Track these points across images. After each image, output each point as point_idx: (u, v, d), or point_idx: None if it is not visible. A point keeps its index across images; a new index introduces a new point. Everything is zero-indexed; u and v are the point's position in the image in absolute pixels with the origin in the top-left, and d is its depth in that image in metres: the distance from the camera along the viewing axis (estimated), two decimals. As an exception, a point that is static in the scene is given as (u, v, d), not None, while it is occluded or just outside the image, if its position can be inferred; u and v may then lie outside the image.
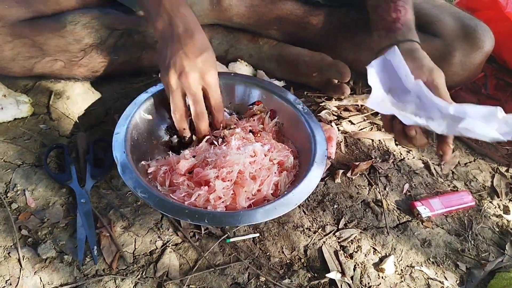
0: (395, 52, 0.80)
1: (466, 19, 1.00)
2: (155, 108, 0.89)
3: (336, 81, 1.02)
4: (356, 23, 1.04)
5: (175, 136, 0.89)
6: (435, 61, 0.97)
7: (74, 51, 0.95)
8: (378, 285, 0.76)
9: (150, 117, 0.87)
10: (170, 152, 0.85)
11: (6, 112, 0.93)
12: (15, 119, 0.95)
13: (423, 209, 0.85)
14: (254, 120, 0.92)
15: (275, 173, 0.81)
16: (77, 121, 0.96)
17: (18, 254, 0.73)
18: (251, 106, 0.95)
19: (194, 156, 0.83)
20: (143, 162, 0.83)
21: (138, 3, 0.83)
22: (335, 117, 1.04)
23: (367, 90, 1.12)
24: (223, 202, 0.76)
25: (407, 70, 0.79)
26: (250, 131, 0.89)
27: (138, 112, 0.86)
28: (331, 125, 1.00)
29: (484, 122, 0.72)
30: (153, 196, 0.73)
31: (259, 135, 0.89)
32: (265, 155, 0.84)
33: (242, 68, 1.06)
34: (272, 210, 0.73)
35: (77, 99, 1.00)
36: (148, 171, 0.82)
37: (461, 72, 1.00)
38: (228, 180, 0.78)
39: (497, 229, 0.88)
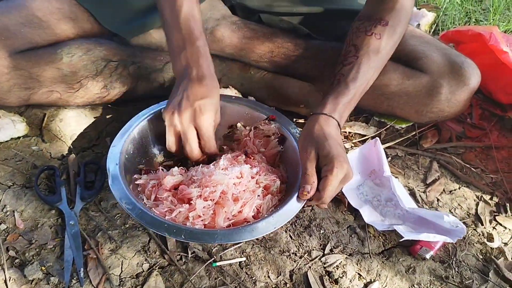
0: (378, 142, 0.98)
1: (453, 56, 1.01)
2: (154, 125, 0.92)
3: None
4: None
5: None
6: (421, 98, 1.01)
7: (70, 82, 0.97)
8: (362, 311, 0.77)
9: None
10: (160, 167, 0.87)
11: (4, 132, 0.95)
12: (11, 138, 0.96)
13: (425, 251, 0.85)
14: (261, 141, 0.94)
15: (258, 196, 0.82)
16: (69, 143, 0.98)
17: (5, 275, 0.74)
18: (266, 120, 0.96)
19: (181, 174, 0.84)
20: (135, 176, 0.85)
21: (167, 38, 0.88)
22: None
23: (354, 117, 1.14)
24: (202, 220, 0.77)
25: (385, 160, 0.97)
26: (245, 152, 0.91)
27: (137, 127, 0.89)
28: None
29: (435, 220, 0.88)
30: (136, 208, 0.75)
31: (252, 157, 0.90)
32: (252, 178, 0.85)
33: (232, 94, 1.08)
34: (250, 231, 0.74)
35: (70, 122, 1.01)
36: (136, 182, 0.84)
37: (447, 109, 1.02)
38: (210, 200, 0.79)
39: (481, 257, 0.89)
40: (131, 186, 0.81)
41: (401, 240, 0.86)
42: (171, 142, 0.85)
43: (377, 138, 0.99)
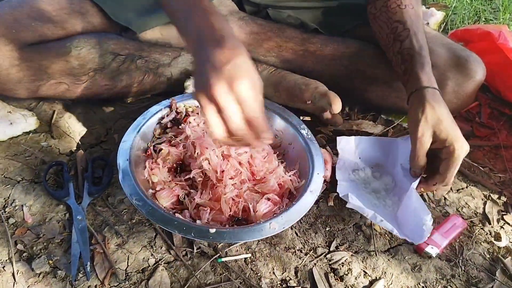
0: (406, 139, 0.92)
1: (458, 50, 1.02)
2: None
3: (328, 111, 1.04)
4: (352, 52, 1.07)
5: None
6: None
7: (78, 75, 0.98)
8: (367, 308, 0.77)
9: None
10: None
11: (16, 126, 0.96)
12: (23, 132, 0.97)
13: (431, 249, 0.85)
14: None
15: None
16: (78, 140, 0.99)
17: (13, 268, 0.75)
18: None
19: None
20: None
21: (171, 16, 0.75)
22: (330, 141, 1.06)
23: (362, 116, 1.14)
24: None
25: (406, 160, 0.90)
26: None
27: (148, 123, 0.90)
28: (326, 149, 1.02)
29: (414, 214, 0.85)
30: (147, 204, 0.76)
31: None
32: None
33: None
34: (259, 231, 0.75)
35: (78, 119, 1.03)
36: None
37: (455, 101, 1.02)
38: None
39: (488, 256, 0.88)
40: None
41: (347, 206, 0.84)
42: (216, 125, 0.66)
43: (402, 138, 0.98)
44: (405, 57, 0.91)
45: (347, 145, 0.97)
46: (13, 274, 0.74)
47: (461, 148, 0.81)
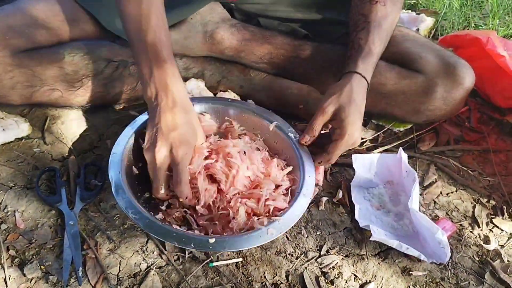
0: (401, 153, 0.95)
1: (447, 57, 1.03)
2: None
3: None
4: (342, 59, 1.08)
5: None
6: (418, 96, 1.02)
7: (71, 81, 0.98)
8: (357, 311, 0.78)
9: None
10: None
11: (8, 132, 0.97)
12: (16, 138, 0.98)
13: None
14: None
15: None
16: (70, 145, 0.99)
17: (4, 274, 0.75)
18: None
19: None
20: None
21: (137, 67, 0.88)
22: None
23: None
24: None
25: (408, 167, 0.94)
26: None
27: (136, 132, 0.89)
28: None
29: (427, 234, 0.86)
30: (143, 217, 0.75)
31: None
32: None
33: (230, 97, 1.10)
34: (257, 237, 0.75)
35: (71, 125, 1.03)
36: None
37: (444, 107, 1.04)
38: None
39: (477, 259, 0.89)
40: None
41: (371, 239, 0.85)
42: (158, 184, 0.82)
43: (401, 151, 0.97)
44: (354, 44, 0.94)
45: (362, 162, 0.98)
46: (5, 280, 0.74)
47: (352, 135, 0.85)
